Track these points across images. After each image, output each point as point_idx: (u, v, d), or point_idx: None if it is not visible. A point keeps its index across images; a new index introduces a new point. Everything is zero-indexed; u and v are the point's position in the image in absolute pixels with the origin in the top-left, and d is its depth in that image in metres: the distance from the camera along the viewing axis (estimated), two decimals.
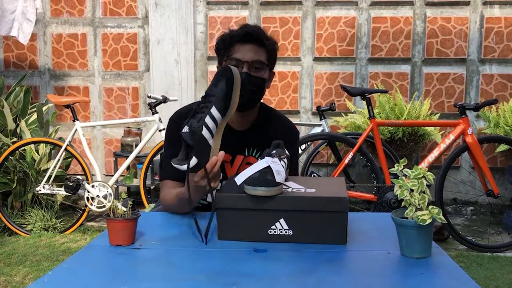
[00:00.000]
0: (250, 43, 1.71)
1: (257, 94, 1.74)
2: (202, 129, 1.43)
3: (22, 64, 4.70)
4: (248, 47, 1.71)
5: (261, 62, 1.72)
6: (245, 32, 1.71)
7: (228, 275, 1.16)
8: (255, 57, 1.71)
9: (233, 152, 1.76)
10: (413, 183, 1.25)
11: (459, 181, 4.38)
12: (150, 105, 3.81)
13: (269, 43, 1.74)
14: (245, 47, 1.71)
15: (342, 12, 4.40)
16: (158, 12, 4.44)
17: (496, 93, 4.32)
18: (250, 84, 1.69)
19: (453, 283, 1.12)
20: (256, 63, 1.71)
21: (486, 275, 2.99)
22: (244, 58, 1.70)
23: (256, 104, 1.78)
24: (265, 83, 1.75)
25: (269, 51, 1.75)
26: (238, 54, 1.70)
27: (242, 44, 1.71)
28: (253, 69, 1.71)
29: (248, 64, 1.70)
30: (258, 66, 1.72)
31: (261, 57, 1.72)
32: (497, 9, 4.28)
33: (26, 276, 2.94)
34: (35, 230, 3.74)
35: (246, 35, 1.71)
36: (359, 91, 3.65)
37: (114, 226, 1.34)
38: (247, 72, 1.69)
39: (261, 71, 1.73)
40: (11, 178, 3.88)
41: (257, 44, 1.72)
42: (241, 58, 1.70)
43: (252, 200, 1.35)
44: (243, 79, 1.65)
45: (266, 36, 1.75)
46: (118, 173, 3.83)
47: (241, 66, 1.70)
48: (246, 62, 1.70)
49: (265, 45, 1.73)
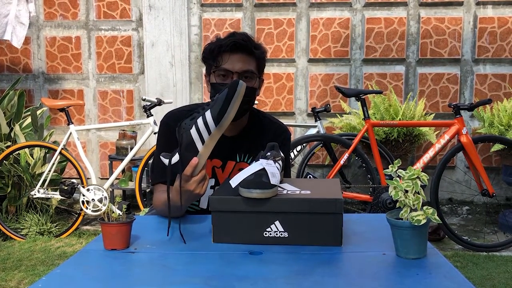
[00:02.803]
0: (239, 53, 1.68)
1: (249, 104, 1.71)
2: (191, 128, 1.44)
3: (16, 67, 4.69)
4: (237, 57, 1.68)
5: (251, 71, 1.69)
6: (233, 41, 1.67)
7: (224, 278, 1.16)
8: (245, 67, 1.68)
9: (224, 158, 1.75)
10: (407, 184, 1.25)
11: (454, 181, 4.39)
12: (145, 108, 3.80)
13: (258, 52, 1.71)
14: (234, 57, 1.68)
15: (336, 13, 4.41)
16: (152, 14, 4.44)
17: (490, 93, 4.34)
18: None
19: (448, 283, 1.12)
20: (246, 73, 1.68)
21: (482, 274, 2.99)
22: (234, 68, 1.67)
23: (246, 113, 1.76)
24: (256, 92, 1.74)
25: (258, 60, 1.72)
26: (227, 65, 1.67)
27: (230, 53, 1.68)
28: (243, 79, 1.67)
29: (238, 74, 1.67)
30: (248, 76, 1.69)
31: (250, 66, 1.69)
32: (490, 9, 4.30)
33: (21, 281, 2.92)
34: (30, 234, 3.73)
35: (234, 44, 1.67)
36: (354, 92, 3.65)
37: (109, 230, 1.34)
38: None
39: (252, 81, 1.70)
40: (5, 182, 3.86)
41: (246, 53, 1.69)
42: (230, 68, 1.67)
43: (247, 202, 1.35)
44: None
45: (254, 44, 1.72)
46: (113, 176, 3.82)
47: (231, 76, 1.68)
48: (236, 72, 1.67)
49: (254, 53, 1.70)
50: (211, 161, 1.75)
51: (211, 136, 1.45)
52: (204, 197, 1.76)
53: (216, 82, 1.70)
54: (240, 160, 1.77)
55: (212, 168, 1.76)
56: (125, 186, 4.15)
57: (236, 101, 1.43)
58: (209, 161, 1.75)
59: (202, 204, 1.77)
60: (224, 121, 1.44)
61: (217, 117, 1.43)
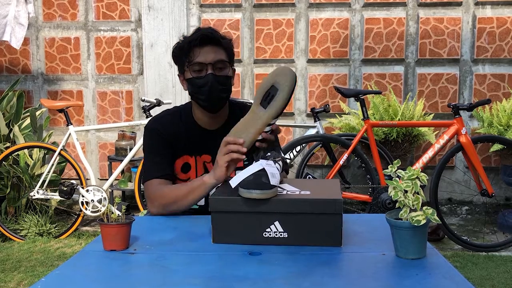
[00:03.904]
0: (208, 45, 1.75)
1: (226, 92, 1.78)
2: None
3: (15, 68, 4.68)
4: (207, 49, 1.74)
5: (223, 61, 1.77)
6: (201, 35, 1.74)
7: (223, 278, 1.16)
8: (217, 57, 1.75)
9: (213, 152, 1.75)
10: (406, 184, 1.25)
11: (453, 181, 4.39)
12: (144, 109, 3.80)
13: (225, 42, 1.78)
14: (204, 50, 1.74)
15: (335, 13, 4.41)
16: (151, 15, 4.43)
17: (489, 93, 4.34)
18: (219, 83, 1.75)
19: (448, 283, 1.12)
20: (219, 62, 1.76)
21: (482, 274, 2.99)
22: (207, 60, 1.74)
23: (226, 103, 1.83)
24: (231, 80, 1.81)
25: (227, 49, 1.79)
26: (200, 58, 1.74)
27: (200, 47, 1.74)
28: (217, 69, 1.75)
29: (212, 65, 1.74)
30: (221, 66, 1.76)
31: (222, 56, 1.76)
32: (489, 10, 4.30)
33: (21, 282, 2.92)
34: (30, 235, 3.72)
35: (203, 38, 1.74)
36: (353, 92, 3.65)
37: (108, 231, 1.33)
38: (212, 73, 1.74)
39: (225, 70, 1.77)
40: (4, 183, 3.86)
41: (214, 44, 1.75)
42: (203, 61, 1.74)
43: (246, 203, 1.35)
44: (212, 81, 1.73)
45: (221, 35, 1.79)
46: (112, 177, 3.82)
47: (205, 68, 1.74)
48: (210, 63, 1.74)
49: (222, 43, 1.77)
50: (200, 157, 1.80)
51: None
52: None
53: (192, 77, 1.76)
54: None
55: (203, 163, 1.81)
56: (124, 187, 4.15)
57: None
58: (199, 158, 1.81)
59: (200, 202, 1.77)
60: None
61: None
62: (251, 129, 1.55)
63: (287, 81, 1.53)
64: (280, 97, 1.53)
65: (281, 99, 1.53)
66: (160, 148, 1.78)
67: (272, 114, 1.54)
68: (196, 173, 1.80)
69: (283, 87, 1.53)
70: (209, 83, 1.74)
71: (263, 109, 1.55)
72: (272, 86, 1.54)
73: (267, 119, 1.54)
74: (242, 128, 1.57)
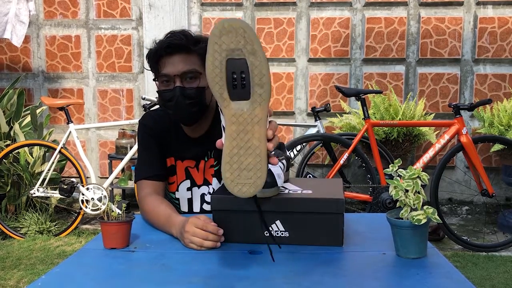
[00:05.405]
0: (177, 53, 1.57)
1: (198, 106, 1.60)
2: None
3: (15, 66, 4.68)
4: (176, 58, 1.57)
5: (194, 71, 1.58)
6: (167, 44, 1.56)
7: (223, 277, 1.15)
8: (186, 67, 1.57)
9: (196, 158, 1.71)
10: (407, 183, 1.25)
11: (454, 181, 4.39)
12: (144, 107, 3.80)
13: (198, 48, 1.58)
14: (172, 60, 1.57)
15: (336, 12, 4.40)
16: (152, 13, 4.43)
17: (490, 93, 4.34)
18: (186, 98, 1.57)
19: (448, 283, 1.11)
20: (188, 73, 1.57)
21: (482, 274, 2.99)
22: (174, 71, 1.57)
23: (203, 115, 1.66)
24: (204, 91, 1.60)
25: (202, 56, 1.52)
26: (166, 69, 1.57)
27: (168, 56, 1.57)
28: (187, 80, 1.58)
29: (180, 76, 1.57)
30: (192, 76, 1.58)
31: (193, 65, 1.58)
32: (490, 9, 4.30)
33: (21, 280, 2.92)
34: (30, 233, 3.72)
35: (169, 46, 1.56)
36: (353, 91, 3.65)
37: (108, 229, 1.33)
38: (180, 86, 1.57)
39: (196, 80, 1.59)
40: (5, 181, 3.86)
41: (184, 52, 1.58)
42: (170, 72, 1.57)
43: (248, 202, 1.34)
44: (178, 95, 1.56)
45: (193, 39, 1.59)
46: (112, 175, 3.82)
47: (173, 80, 1.57)
48: (177, 75, 1.57)
49: (194, 50, 1.58)
50: (182, 163, 1.72)
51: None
52: (183, 200, 1.75)
53: (160, 90, 1.61)
54: (208, 158, 1.72)
55: (185, 169, 1.72)
56: (124, 185, 4.15)
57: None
58: (180, 163, 1.72)
59: (183, 208, 1.76)
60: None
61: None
62: (249, 144, 1.02)
63: (250, 37, 1.03)
64: (258, 67, 1.00)
65: (260, 70, 1.00)
66: (150, 144, 1.70)
67: (264, 98, 1.02)
68: (177, 178, 1.73)
69: (251, 50, 1.01)
70: (175, 98, 1.57)
71: (246, 101, 1.00)
72: (229, 60, 1.01)
73: (261, 111, 1.01)
74: (233, 151, 1.03)
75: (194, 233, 1.32)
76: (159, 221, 1.50)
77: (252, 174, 1.00)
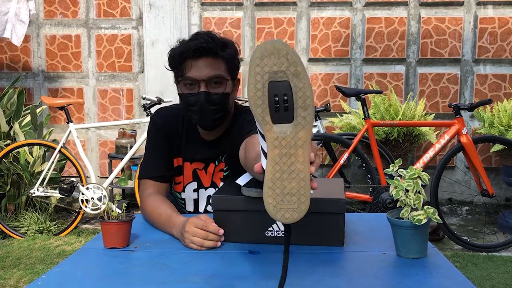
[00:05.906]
0: (204, 57, 1.52)
1: (220, 112, 1.58)
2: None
3: (15, 66, 4.68)
4: (202, 62, 1.53)
5: (220, 76, 1.54)
6: (195, 46, 1.51)
7: (224, 277, 1.15)
8: (212, 72, 1.53)
9: (206, 161, 1.69)
10: (408, 183, 1.25)
11: (454, 181, 4.38)
12: (144, 107, 3.79)
13: (225, 53, 1.54)
14: (198, 63, 1.53)
15: (337, 12, 4.40)
16: (152, 13, 4.43)
17: (490, 93, 4.34)
18: (211, 104, 1.54)
19: (448, 283, 1.11)
20: (214, 78, 1.54)
21: (482, 274, 2.99)
22: (200, 76, 1.53)
23: (223, 120, 1.63)
24: (228, 97, 1.59)
25: (228, 61, 1.55)
26: (192, 72, 1.53)
27: (194, 59, 1.52)
28: (212, 85, 1.55)
29: (205, 81, 1.53)
30: (217, 81, 1.55)
31: (218, 70, 1.54)
32: (490, 10, 4.30)
33: (20, 279, 2.92)
34: (29, 233, 3.72)
35: (197, 49, 1.51)
36: (354, 91, 3.65)
37: (108, 228, 1.33)
38: (206, 91, 1.53)
39: (222, 86, 1.56)
40: (4, 180, 3.86)
41: (211, 56, 1.53)
42: (195, 76, 1.53)
43: (248, 201, 1.34)
44: (203, 101, 1.53)
45: (221, 44, 1.55)
46: (112, 175, 3.81)
47: (198, 85, 1.54)
48: (203, 80, 1.53)
49: (221, 55, 1.54)
50: (191, 164, 1.70)
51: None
52: (189, 200, 1.74)
53: (183, 93, 1.57)
54: (219, 161, 1.70)
55: (193, 170, 1.70)
56: (124, 185, 4.14)
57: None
58: (189, 165, 1.70)
59: (189, 208, 1.76)
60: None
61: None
62: (297, 173, 0.97)
63: (293, 58, 0.98)
64: (301, 89, 0.97)
65: (305, 92, 0.97)
66: (159, 143, 1.68)
67: (309, 120, 0.97)
68: (184, 180, 1.72)
69: (294, 72, 0.98)
70: (200, 103, 1.54)
71: (289, 124, 0.97)
72: (272, 82, 0.97)
73: (305, 134, 0.97)
74: (276, 176, 0.97)
75: (195, 233, 1.32)
76: (160, 221, 1.50)
77: (295, 199, 0.97)
